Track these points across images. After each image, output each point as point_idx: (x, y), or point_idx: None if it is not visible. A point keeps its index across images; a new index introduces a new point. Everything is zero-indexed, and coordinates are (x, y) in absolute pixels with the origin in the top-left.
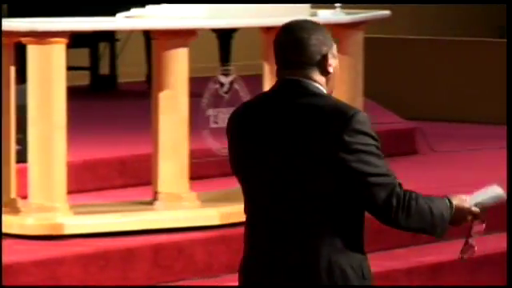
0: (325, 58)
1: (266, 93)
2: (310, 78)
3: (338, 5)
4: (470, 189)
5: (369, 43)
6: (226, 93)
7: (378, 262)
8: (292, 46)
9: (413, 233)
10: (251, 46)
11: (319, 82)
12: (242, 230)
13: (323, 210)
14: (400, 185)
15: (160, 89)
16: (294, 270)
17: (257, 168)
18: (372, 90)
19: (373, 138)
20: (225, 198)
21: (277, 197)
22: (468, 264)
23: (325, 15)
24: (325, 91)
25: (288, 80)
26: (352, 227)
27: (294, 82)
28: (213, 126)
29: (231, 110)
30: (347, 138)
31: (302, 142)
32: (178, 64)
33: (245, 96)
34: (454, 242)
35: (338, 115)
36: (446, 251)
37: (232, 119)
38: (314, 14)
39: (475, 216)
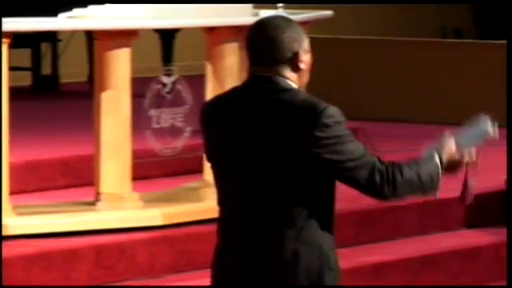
0: (296, 55)
1: (237, 87)
2: (282, 75)
3: (280, 5)
4: None
5: (311, 43)
6: (169, 93)
7: None
8: (263, 43)
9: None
10: (194, 47)
11: (290, 79)
12: (184, 230)
13: (292, 203)
14: (380, 160)
15: (102, 89)
16: (260, 263)
17: (227, 162)
18: (314, 89)
19: (342, 126)
20: (167, 199)
21: (247, 190)
22: (410, 264)
23: (267, 16)
24: (296, 87)
25: (259, 76)
26: (321, 220)
27: (264, 78)
28: (155, 126)
29: (174, 110)
30: (319, 134)
31: (273, 137)
32: (120, 64)
33: (187, 96)
34: (397, 242)
35: (309, 111)
36: (389, 251)
37: (204, 111)
38: (256, 14)
39: (469, 159)
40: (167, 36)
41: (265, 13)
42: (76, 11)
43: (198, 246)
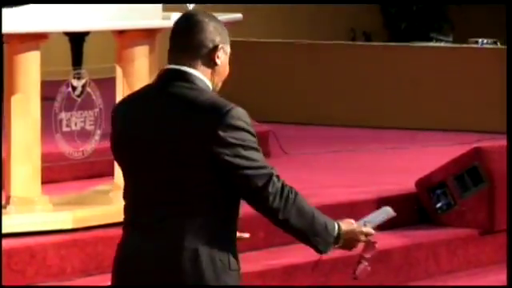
0: (216, 47)
1: (151, 84)
2: (195, 67)
3: (190, 6)
4: (324, 191)
5: None
6: (79, 96)
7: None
8: (189, 27)
9: (295, 236)
10: (104, 49)
11: (203, 73)
12: (95, 233)
13: (195, 200)
14: (278, 177)
15: (12, 92)
16: (159, 259)
17: (133, 157)
18: (224, 92)
19: (249, 132)
20: (77, 202)
21: (152, 185)
22: (322, 266)
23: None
24: (209, 84)
25: (172, 70)
26: (223, 221)
27: (177, 72)
28: (65, 129)
29: (84, 113)
30: (221, 133)
31: (179, 134)
32: (30, 67)
33: (97, 99)
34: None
35: (215, 110)
36: (300, 254)
37: (116, 108)
38: (167, 17)
39: (367, 235)
40: (77, 39)
41: (175, 16)
42: None
43: (108, 249)
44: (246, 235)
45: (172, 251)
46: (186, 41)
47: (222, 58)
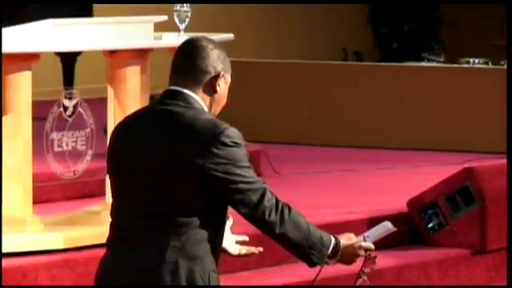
0: (218, 75)
1: (152, 103)
2: (195, 92)
3: (182, 28)
4: (315, 211)
5: None
6: (70, 116)
7: (223, 284)
8: (193, 52)
9: (291, 249)
10: (95, 70)
11: (203, 99)
12: (86, 253)
13: (182, 214)
14: (271, 192)
15: (3, 113)
16: (139, 274)
17: (126, 173)
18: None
19: (241, 150)
20: (68, 222)
21: (138, 202)
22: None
23: (169, 39)
24: (206, 109)
25: (172, 91)
26: (208, 237)
27: (177, 93)
28: (57, 149)
29: (75, 133)
30: (215, 150)
31: (174, 150)
32: (21, 87)
33: (89, 120)
34: (299, 265)
35: (210, 128)
36: (292, 274)
37: (116, 127)
38: (159, 37)
39: (367, 250)
40: (68, 59)
41: (167, 36)
42: None
43: None
44: (258, 250)
45: (153, 264)
46: (188, 65)
47: (222, 86)
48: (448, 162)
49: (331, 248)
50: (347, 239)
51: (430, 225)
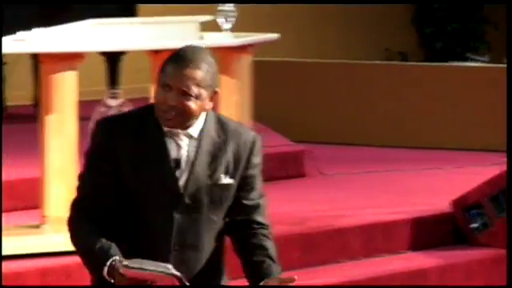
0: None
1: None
2: None
3: (226, 28)
4: (359, 212)
5: (257, 66)
6: None
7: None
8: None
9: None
10: (139, 69)
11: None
12: None
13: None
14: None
15: (48, 112)
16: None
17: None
18: (261, 113)
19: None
20: None
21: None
22: (356, 287)
23: (213, 38)
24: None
25: None
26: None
27: None
28: None
29: None
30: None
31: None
32: (66, 87)
33: None
34: (342, 265)
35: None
36: (335, 274)
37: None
38: (203, 37)
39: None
40: (112, 59)
41: (210, 36)
42: (21, 34)
43: None
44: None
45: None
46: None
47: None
48: (493, 162)
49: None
50: (132, 263)
51: (475, 225)
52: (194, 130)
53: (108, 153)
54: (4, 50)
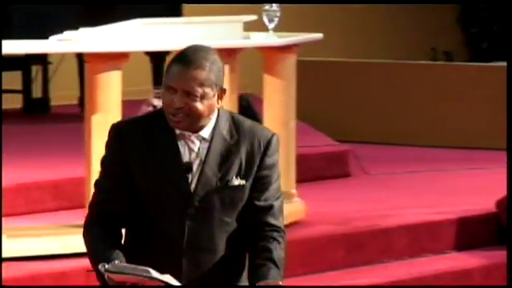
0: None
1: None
2: None
3: (270, 27)
4: (403, 211)
5: (301, 66)
6: None
7: (311, 284)
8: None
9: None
10: None
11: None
12: None
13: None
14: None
15: (93, 112)
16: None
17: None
18: (305, 112)
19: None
20: None
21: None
22: (401, 287)
23: (258, 38)
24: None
25: None
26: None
27: None
28: None
29: None
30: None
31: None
32: (111, 87)
33: None
34: (387, 265)
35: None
36: (380, 274)
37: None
38: (247, 37)
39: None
40: (157, 58)
41: (255, 35)
42: (67, 34)
43: None
44: None
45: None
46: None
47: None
48: None
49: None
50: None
51: None
52: (206, 131)
53: (120, 156)
54: (49, 50)
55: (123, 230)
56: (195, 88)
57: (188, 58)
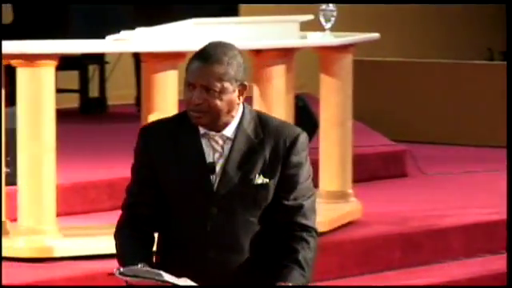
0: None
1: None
2: None
3: (327, 27)
4: (461, 211)
5: (358, 66)
6: None
7: (368, 284)
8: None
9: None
10: None
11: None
12: None
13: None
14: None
15: (149, 111)
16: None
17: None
18: (362, 112)
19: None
20: None
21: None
22: (457, 287)
23: (314, 38)
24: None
25: None
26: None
27: None
28: None
29: None
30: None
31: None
32: (168, 86)
33: None
34: (444, 265)
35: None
36: (436, 274)
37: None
38: (304, 37)
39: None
40: None
41: (312, 35)
42: (123, 33)
43: None
44: None
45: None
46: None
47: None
48: None
49: None
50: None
51: None
52: (229, 129)
53: (146, 159)
54: (106, 50)
55: (156, 234)
56: (213, 83)
57: (206, 53)
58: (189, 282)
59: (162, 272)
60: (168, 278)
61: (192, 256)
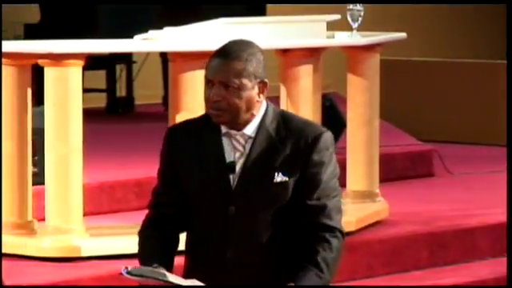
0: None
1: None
2: None
3: (354, 27)
4: (488, 211)
5: (385, 65)
6: None
7: (395, 284)
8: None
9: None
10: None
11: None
12: None
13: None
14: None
15: (177, 111)
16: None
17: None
18: (389, 112)
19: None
20: None
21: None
22: (485, 286)
23: (341, 38)
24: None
25: None
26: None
27: None
28: None
29: None
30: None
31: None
32: (195, 86)
33: None
34: (470, 265)
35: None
36: (463, 274)
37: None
38: (331, 36)
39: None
40: None
41: (339, 35)
42: (151, 33)
43: None
44: None
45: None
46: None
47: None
48: None
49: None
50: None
51: None
52: (250, 128)
53: (169, 159)
54: (134, 49)
55: (183, 235)
56: (232, 79)
57: (226, 50)
58: (196, 283)
59: (166, 273)
60: (172, 278)
61: (212, 256)
